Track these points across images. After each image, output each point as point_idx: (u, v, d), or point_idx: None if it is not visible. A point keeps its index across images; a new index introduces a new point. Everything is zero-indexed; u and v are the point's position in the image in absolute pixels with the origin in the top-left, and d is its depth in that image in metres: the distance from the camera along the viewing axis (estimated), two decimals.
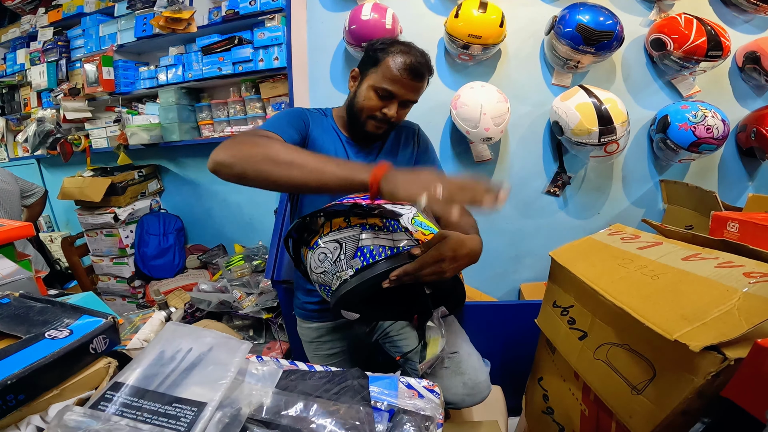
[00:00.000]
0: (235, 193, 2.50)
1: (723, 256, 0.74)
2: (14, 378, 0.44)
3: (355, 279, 0.71)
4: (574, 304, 0.88)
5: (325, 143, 1.07)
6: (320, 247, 0.75)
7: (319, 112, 1.14)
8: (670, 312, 0.62)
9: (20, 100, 2.79)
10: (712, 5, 1.69)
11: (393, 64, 0.97)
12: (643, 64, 1.75)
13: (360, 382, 0.57)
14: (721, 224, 0.95)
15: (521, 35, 1.79)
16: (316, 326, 1.19)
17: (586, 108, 1.52)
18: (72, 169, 2.67)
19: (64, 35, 2.49)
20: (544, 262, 1.02)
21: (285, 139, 0.88)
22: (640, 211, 1.88)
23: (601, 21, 1.51)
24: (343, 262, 0.72)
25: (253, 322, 2.09)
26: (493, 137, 1.66)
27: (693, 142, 1.53)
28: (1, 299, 0.64)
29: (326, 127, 1.11)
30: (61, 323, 0.56)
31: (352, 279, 0.71)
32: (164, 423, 0.44)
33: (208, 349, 0.54)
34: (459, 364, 1.05)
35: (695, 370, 0.56)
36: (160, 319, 0.82)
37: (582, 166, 1.85)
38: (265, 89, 2.05)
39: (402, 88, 0.99)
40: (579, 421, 0.90)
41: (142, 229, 2.48)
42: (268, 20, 1.95)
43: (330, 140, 1.09)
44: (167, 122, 2.24)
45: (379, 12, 1.67)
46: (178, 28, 2.04)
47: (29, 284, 0.99)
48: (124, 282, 2.51)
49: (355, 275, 0.71)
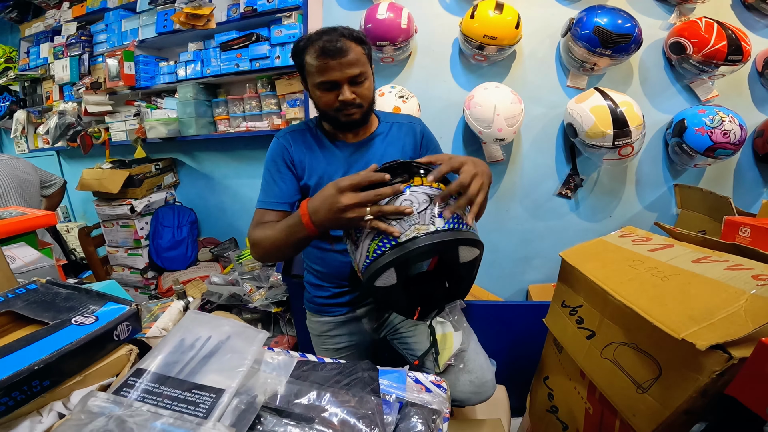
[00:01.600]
0: (247, 187, 2.54)
1: (733, 259, 0.74)
2: (41, 364, 0.45)
3: (442, 234, 0.71)
4: (582, 304, 0.89)
5: (314, 161, 1.09)
6: (406, 195, 0.74)
7: (300, 129, 1.13)
8: (678, 312, 0.63)
9: (42, 93, 2.85)
10: (733, 9, 1.66)
11: (311, 58, 0.96)
12: (661, 67, 1.73)
13: (370, 375, 0.58)
14: (733, 229, 0.95)
15: (537, 37, 1.78)
16: (325, 320, 1.20)
17: (602, 111, 1.52)
18: (90, 161, 2.73)
19: (87, 30, 2.54)
20: (554, 263, 1.03)
21: (278, 209, 1.03)
22: (653, 215, 1.86)
23: (619, 24, 1.50)
24: (427, 216, 0.72)
25: (262, 315, 2.12)
26: (506, 138, 1.66)
27: (709, 146, 1.52)
28: (28, 285, 0.65)
29: (311, 142, 1.11)
30: (87, 310, 0.57)
31: (437, 234, 0.70)
32: (183, 409, 0.45)
33: (226, 338, 0.56)
34: (467, 362, 1.07)
35: (700, 368, 0.57)
36: (179, 309, 0.85)
37: (595, 168, 1.84)
38: (280, 86, 2.08)
39: (334, 71, 0.95)
40: (583, 419, 0.91)
41: (156, 221, 2.53)
42: (285, 18, 1.97)
43: (319, 154, 1.10)
44: (185, 117, 2.28)
45: (395, 11, 1.68)
46: (198, 24, 2.08)
47: (51, 272, 1.02)
48: (138, 273, 2.56)
49: (436, 233, 0.71)
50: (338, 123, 1.05)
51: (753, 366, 0.52)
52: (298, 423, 0.47)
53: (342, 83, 0.97)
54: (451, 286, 0.86)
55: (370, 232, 0.73)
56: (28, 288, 0.64)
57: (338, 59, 0.94)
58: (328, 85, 0.98)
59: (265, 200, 1.05)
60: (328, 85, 0.98)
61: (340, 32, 0.97)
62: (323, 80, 0.97)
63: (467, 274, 0.80)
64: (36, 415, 0.45)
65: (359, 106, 1.02)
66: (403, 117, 1.21)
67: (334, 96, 0.99)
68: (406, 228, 0.70)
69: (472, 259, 0.77)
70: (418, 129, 1.18)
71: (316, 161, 1.09)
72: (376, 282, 0.74)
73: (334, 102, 0.99)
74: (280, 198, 1.05)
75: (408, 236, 0.70)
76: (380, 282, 0.74)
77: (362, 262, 0.76)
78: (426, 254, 0.73)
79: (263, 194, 1.07)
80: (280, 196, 1.05)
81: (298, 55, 1.01)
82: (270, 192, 1.06)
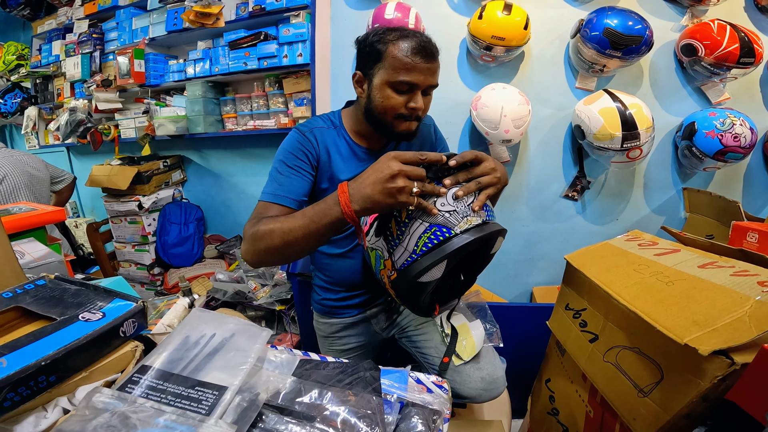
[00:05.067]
0: (253, 185, 2.56)
1: (740, 265, 0.74)
2: (48, 359, 0.45)
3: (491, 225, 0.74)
4: (586, 307, 0.88)
5: (338, 165, 1.02)
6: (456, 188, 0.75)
7: (326, 123, 1.06)
8: (681, 317, 0.63)
9: (54, 90, 2.89)
10: (746, 11, 1.64)
11: (400, 52, 0.89)
12: (672, 69, 1.71)
13: (372, 374, 0.59)
14: (741, 234, 0.94)
15: (546, 38, 1.77)
16: (333, 321, 1.20)
17: (610, 112, 1.50)
18: (100, 158, 2.77)
19: (98, 28, 2.58)
20: (558, 266, 1.03)
21: (286, 204, 0.91)
22: (660, 218, 1.85)
23: (629, 26, 1.49)
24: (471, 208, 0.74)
25: (266, 313, 2.13)
26: (513, 139, 1.65)
27: (719, 150, 1.50)
28: (37, 281, 0.65)
29: (337, 143, 1.04)
30: (95, 306, 0.58)
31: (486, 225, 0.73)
32: (187, 405, 0.46)
33: (230, 335, 0.57)
34: (478, 359, 1.06)
35: (702, 373, 0.57)
36: (184, 306, 0.86)
37: (602, 171, 1.83)
38: (288, 85, 2.09)
39: (420, 74, 0.90)
40: (584, 422, 0.91)
41: (164, 218, 2.55)
42: (293, 17, 1.98)
43: (344, 158, 1.04)
44: (193, 114, 2.30)
45: (403, 11, 1.68)
46: (207, 22, 2.09)
47: (60, 267, 1.03)
48: (144, 269, 2.59)
49: (482, 225, 0.73)
50: (390, 131, 0.98)
51: (754, 372, 0.52)
52: (299, 421, 0.48)
53: (420, 89, 0.92)
54: (465, 278, 0.89)
55: (419, 226, 0.73)
56: (36, 284, 0.65)
57: (429, 63, 0.91)
58: (406, 86, 0.91)
59: (273, 192, 0.93)
60: (406, 87, 0.91)
61: (429, 38, 0.93)
62: (406, 80, 0.90)
63: (485, 264, 0.86)
64: (41, 410, 0.46)
65: (418, 119, 0.97)
66: None
67: (404, 100, 0.93)
68: (460, 220, 0.72)
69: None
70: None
71: (340, 165, 1.02)
72: (422, 277, 0.73)
73: (400, 106, 0.93)
74: (292, 193, 0.94)
75: (462, 228, 0.71)
76: (427, 277, 0.73)
77: (404, 258, 0.75)
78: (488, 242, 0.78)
79: (272, 186, 0.94)
80: (291, 191, 0.94)
81: (376, 42, 0.92)
82: (282, 184, 0.94)
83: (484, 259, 0.87)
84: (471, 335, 1.07)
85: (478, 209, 0.73)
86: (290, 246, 0.78)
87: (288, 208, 0.91)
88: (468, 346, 1.05)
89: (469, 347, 1.05)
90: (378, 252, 0.81)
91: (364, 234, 0.84)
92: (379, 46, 0.92)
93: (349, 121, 1.07)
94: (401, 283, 0.77)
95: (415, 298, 0.82)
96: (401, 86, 0.91)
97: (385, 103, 0.93)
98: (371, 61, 0.94)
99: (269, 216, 0.86)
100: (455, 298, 0.98)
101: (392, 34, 0.92)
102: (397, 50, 0.89)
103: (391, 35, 0.92)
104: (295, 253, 0.81)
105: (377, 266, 0.83)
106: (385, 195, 0.68)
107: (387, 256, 0.78)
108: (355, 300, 1.16)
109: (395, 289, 0.80)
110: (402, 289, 0.78)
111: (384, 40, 0.91)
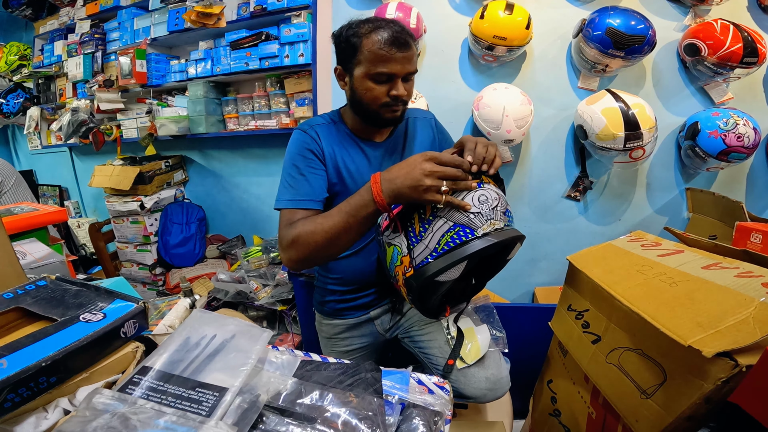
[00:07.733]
0: (255, 185, 2.56)
1: (743, 266, 0.74)
2: (48, 360, 0.45)
3: (507, 231, 0.76)
4: (589, 309, 0.88)
5: (345, 158, 1.04)
6: (483, 190, 0.77)
7: (326, 122, 1.08)
8: (685, 319, 0.62)
9: (56, 90, 2.90)
10: (749, 11, 1.63)
11: (375, 45, 0.91)
12: (675, 69, 1.71)
13: (373, 375, 0.58)
14: (744, 235, 0.94)
15: (548, 37, 1.77)
16: (336, 323, 1.19)
17: (613, 112, 1.50)
18: (102, 158, 2.77)
19: (100, 28, 2.58)
20: (561, 266, 1.02)
21: (311, 207, 0.93)
22: (663, 219, 1.84)
23: (632, 25, 1.48)
24: (498, 212, 0.75)
25: (267, 313, 2.13)
26: (515, 139, 1.65)
27: (722, 150, 1.49)
28: (38, 281, 0.65)
29: (340, 137, 1.07)
30: (95, 306, 0.58)
31: (507, 230, 0.76)
32: (187, 407, 0.46)
33: (231, 337, 0.56)
34: (483, 359, 1.05)
35: (706, 375, 0.57)
36: (185, 306, 0.85)
37: (605, 171, 1.83)
38: (289, 85, 2.08)
39: (397, 64, 0.91)
40: (585, 424, 0.90)
41: (166, 218, 2.56)
42: (295, 17, 1.97)
43: (349, 152, 1.06)
44: (195, 115, 2.30)
45: (404, 11, 1.68)
46: (209, 22, 2.09)
47: (61, 268, 1.03)
48: (146, 269, 2.59)
49: (505, 229, 0.76)
50: (377, 119, 1.00)
51: (758, 374, 0.52)
52: (300, 422, 0.48)
53: (399, 77, 0.94)
54: (476, 282, 0.90)
55: (443, 225, 0.74)
56: (37, 285, 0.65)
57: (404, 52, 0.92)
58: (385, 77, 0.93)
59: (294, 198, 0.94)
60: (384, 78, 0.93)
61: (402, 25, 0.94)
62: (383, 71, 0.92)
63: (499, 269, 0.88)
64: (42, 411, 0.46)
65: (404, 103, 0.99)
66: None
67: (385, 90, 0.94)
68: (484, 222, 0.73)
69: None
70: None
71: (346, 158, 1.04)
72: (440, 276, 0.74)
73: (383, 96, 0.95)
74: (312, 195, 0.95)
75: (485, 230, 0.73)
76: (444, 276, 0.75)
77: (424, 256, 0.76)
78: (507, 247, 0.81)
79: (291, 192, 0.95)
80: (311, 193, 0.95)
81: (351, 36, 0.94)
82: (300, 189, 0.95)
83: (499, 264, 0.88)
84: (476, 339, 1.06)
85: (494, 167, 0.78)
86: (334, 243, 0.82)
87: (314, 210, 0.93)
88: (473, 350, 1.04)
89: (474, 351, 1.04)
90: (396, 248, 0.81)
91: (383, 229, 0.85)
92: (354, 40, 0.94)
93: (347, 116, 1.10)
94: (417, 281, 0.77)
95: (427, 298, 0.83)
96: (380, 77, 0.93)
97: (368, 95, 0.96)
98: (348, 56, 0.96)
99: (298, 220, 0.89)
100: (464, 301, 0.99)
101: (365, 26, 0.93)
102: (372, 43, 0.91)
103: (364, 28, 0.93)
104: (338, 250, 0.84)
105: (393, 262, 0.83)
106: (415, 190, 0.74)
107: (406, 252, 0.79)
108: (360, 301, 1.16)
109: (408, 287, 0.80)
110: (415, 288, 0.78)
111: (357, 34, 0.93)
